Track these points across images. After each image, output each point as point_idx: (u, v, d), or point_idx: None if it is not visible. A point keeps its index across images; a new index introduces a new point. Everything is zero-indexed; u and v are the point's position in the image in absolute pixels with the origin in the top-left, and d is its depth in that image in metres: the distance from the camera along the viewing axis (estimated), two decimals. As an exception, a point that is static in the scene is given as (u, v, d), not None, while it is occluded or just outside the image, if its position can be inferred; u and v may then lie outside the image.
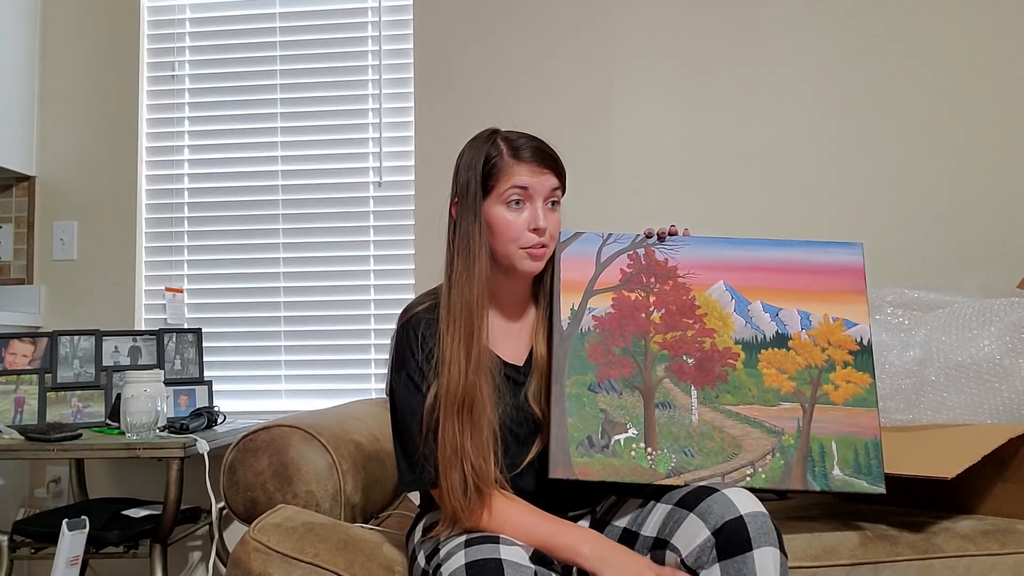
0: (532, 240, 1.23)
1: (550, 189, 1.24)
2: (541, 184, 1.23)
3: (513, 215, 1.22)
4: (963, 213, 2.21)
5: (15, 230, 2.43)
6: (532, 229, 1.22)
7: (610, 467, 1.19)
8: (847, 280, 1.30)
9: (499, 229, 1.22)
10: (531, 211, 1.23)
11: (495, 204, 1.22)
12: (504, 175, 1.21)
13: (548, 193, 1.24)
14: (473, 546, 1.08)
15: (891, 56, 2.26)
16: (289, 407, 2.34)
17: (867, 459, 1.21)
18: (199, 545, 2.34)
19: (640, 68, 2.32)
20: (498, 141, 1.24)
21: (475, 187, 1.22)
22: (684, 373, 1.25)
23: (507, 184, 1.21)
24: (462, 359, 1.17)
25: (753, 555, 1.02)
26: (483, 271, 1.21)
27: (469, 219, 1.22)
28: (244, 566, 1.24)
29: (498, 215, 1.22)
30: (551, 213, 1.25)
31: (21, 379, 2.11)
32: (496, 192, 1.22)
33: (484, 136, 1.26)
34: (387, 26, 2.43)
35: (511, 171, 1.21)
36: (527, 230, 1.22)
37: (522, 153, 1.22)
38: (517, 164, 1.22)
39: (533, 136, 1.26)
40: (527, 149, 1.23)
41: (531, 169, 1.22)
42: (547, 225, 1.23)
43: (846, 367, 1.26)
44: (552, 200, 1.25)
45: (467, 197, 1.22)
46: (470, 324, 1.19)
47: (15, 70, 2.37)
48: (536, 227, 1.22)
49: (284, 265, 2.42)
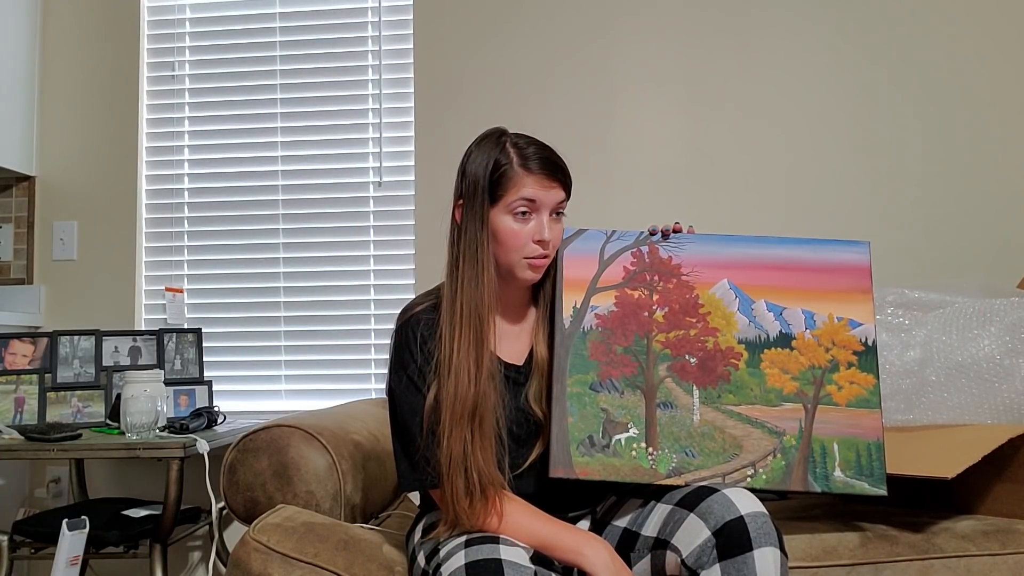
0: (535, 251, 1.22)
1: (557, 202, 1.23)
2: (549, 197, 1.22)
3: (519, 226, 1.21)
4: (963, 213, 2.21)
5: (15, 230, 2.43)
6: (536, 241, 1.22)
7: (611, 467, 1.19)
8: (853, 279, 1.28)
9: (504, 239, 1.22)
10: (536, 223, 1.22)
11: (502, 213, 1.21)
12: (513, 186, 1.20)
13: (554, 206, 1.23)
14: (473, 546, 1.08)
15: (892, 56, 2.26)
16: (289, 407, 2.34)
17: (869, 461, 1.20)
18: (199, 545, 2.34)
19: (641, 67, 2.32)
20: (508, 147, 1.22)
21: (483, 194, 1.21)
22: (686, 372, 1.24)
23: (515, 195, 1.20)
24: (472, 367, 1.16)
25: (754, 555, 1.02)
26: (492, 279, 1.21)
27: (476, 225, 1.21)
28: (244, 566, 1.24)
29: (504, 225, 1.21)
30: (555, 224, 1.24)
31: (21, 379, 2.11)
32: (504, 202, 1.21)
33: (493, 138, 1.24)
34: (387, 26, 2.43)
35: (520, 182, 1.20)
36: (531, 241, 1.22)
37: (532, 164, 1.20)
38: (526, 175, 1.20)
39: (542, 145, 1.24)
40: (537, 160, 1.21)
41: (540, 182, 1.20)
42: (551, 237, 1.22)
43: (850, 368, 1.25)
44: (557, 211, 1.24)
45: (474, 202, 1.21)
46: (479, 331, 1.18)
47: (15, 70, 2.37)
48: (540, 239, 1.21)
49: (284, 265, 2.42)
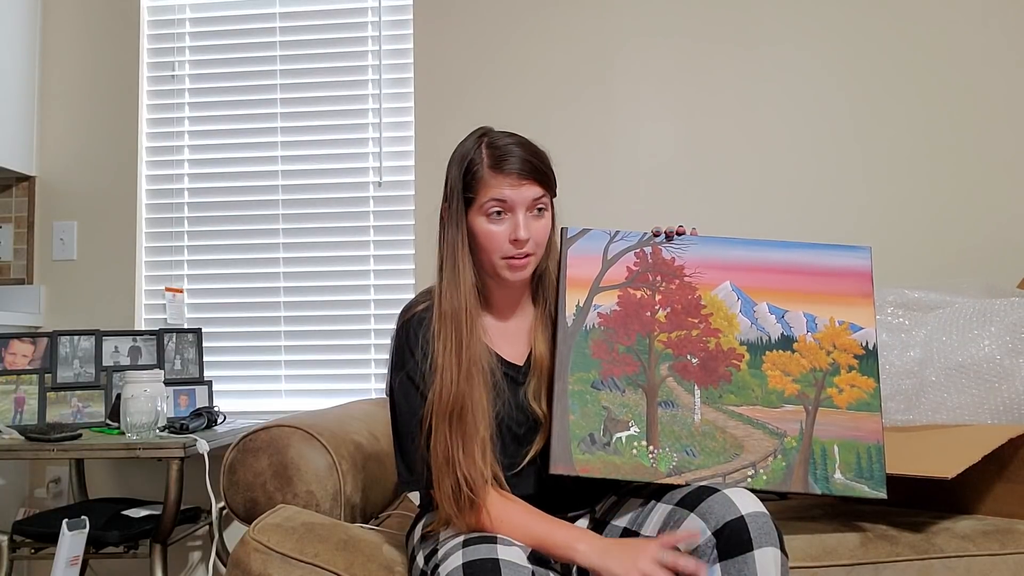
0: (512, 251, 1.21)
1: (532, 199, 1.21)
2: (521, 196, 1.20)
3: (494, 226, 1.20)
4: (963, 213, 2.21)
5: (15, 230, 2.43)
6: (512, 240, 1.20)
7: (611, 464, 1.19)
8: (854, 284, 1.29)
9: (481, 241, 1.21)
10: (511, 222, 1.20)
11: (476, 215, 1.21)
12: (483, 187, 1.19)
13: (530, 204, 1.21)
14: (470, 546, 1.08)
15: (892, 56, 2.26)
16: (289, 407, 2.33)
17: (869, 464, 1.21)
18: (199, 545, 2.34)
19: (641, 67, 2.33)
20: (482, 147, 1.21)
21: (458, 197, 1.21)
22: (688, 372, 1.24)
23: (486, 196, 1.19)
24: (453, 367, 1.17)
25: (754, 555, 1.02)
26: (467, 280, 1.20)
27: (453, 228, 1.21)
28: (244, 566, 1.24)
29: (480, 227, 1.21)
30: (536, 221, 1.22)
31: (21, 379, 2.11)
32: (477, 203, 1.20)
33: (473, 138, 1.24)
34: (387, 26, 2.43)
35: (489, 183, 1.19)
36: (507, 241, 1.20)
37: (502, 164, 1.19)
38: (495, 176, 1.19)
39: (520, 142, 1.23)
40: (508, 159, 1.19)
41: (510, 181, 1.19)
42: (529, 235, 1.20)
43: (851, 371, 1.25)
44: (538, 207, 1.22)
45: (452, 205, 1.22)
46: (459, 332, 1.18)
47: (15, 70, 2.37)
48: (516, 238, 1.20)
49: (284, 265, 2.42)
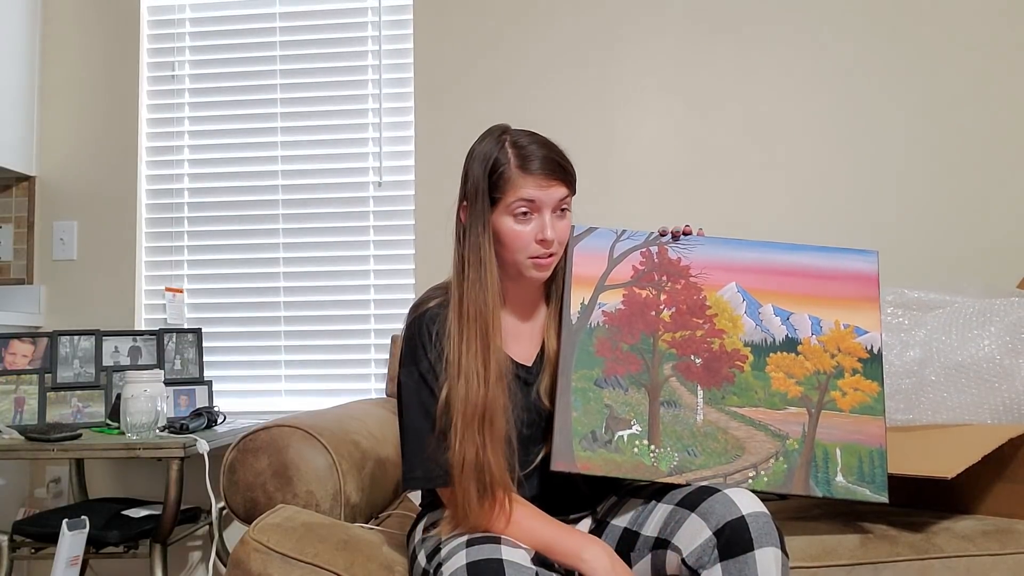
0: (539, 251, 1.21)
1: (558, 200, 1.21)
2: (549, 196, 1.20)
3: (521, 226, 1.20)
4: (963, 213, 2.21)
5: (15, 230, 2.43)
6: (539, 240, 1.21)
7: (612, 462, 1.19)
8: (860, 287, 1.29)
9: (507, 240, 1.21)
10: (538, 222, 1.20)
11: (503, 215, 1.20)
12: (511, 187, 1.19)
13: (556, 204, 1.21)
14: (474, 546, 1.07)
15: (892, 57, 2.26)
16: (289, 407, 2.33)
17: (871, 467, 1.21)
18: (199, 545, 2.34)
19: (642, 66, 2.33)
20: (506, 147, 1.21)
21: (483, 197, 1.20)
22: (691, 373, 1.24)
23: (514, 197, 1.19)
24: (480, 369, 1.16)
25: (755, 555, 1.02)
26: (496, 281, 1.20)
27: (478, 229, 1.20)
28: (244, 566, 1.24)
29: (506, 227, 1.20)
30: (559, 221, 1.23)
31: (21, 379, 2.11)
32: (503, 203, 1.20)
33: (493, 137, 1.23)
34: (387, 26, 2.43)
35: (518, 184, 1.19)
36: (534, 241, 1.21)
37: (530, 164, 1.19)
38: (524, 176, 1.19)
39: (543, 142, 1.23)
40: (535, 160, 1.19)
41: (539, 182, 1.19)
42: (555, 236, 1.21)
43: (855, 374, 1.25)
44: (562, 207, 1.23)
45: (476, 205, 1.20)
46: (486, 334, 1.18)
47: (15, 69, 2.36)
48: (543, 238, 1.20)
49: (284, 265, 2.42)
